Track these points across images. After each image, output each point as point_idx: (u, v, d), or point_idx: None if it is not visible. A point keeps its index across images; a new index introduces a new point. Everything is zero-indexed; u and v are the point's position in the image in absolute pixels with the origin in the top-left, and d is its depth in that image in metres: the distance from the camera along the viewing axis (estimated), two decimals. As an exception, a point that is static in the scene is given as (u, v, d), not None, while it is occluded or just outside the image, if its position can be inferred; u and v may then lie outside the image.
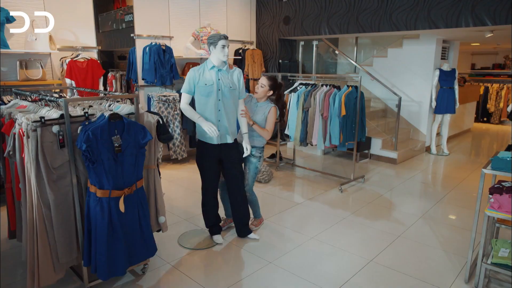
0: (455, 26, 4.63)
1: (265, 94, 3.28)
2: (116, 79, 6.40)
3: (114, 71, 6.31)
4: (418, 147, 6.37)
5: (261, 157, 3.32)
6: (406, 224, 3.61)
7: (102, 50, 6.99)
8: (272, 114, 3.24)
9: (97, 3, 6.71)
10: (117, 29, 6.11)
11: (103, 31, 6.90)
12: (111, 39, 6.60)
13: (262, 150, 3.32)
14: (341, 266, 2.87)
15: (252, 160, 3.27)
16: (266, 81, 3.27)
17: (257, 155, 3.28)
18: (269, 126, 3.24)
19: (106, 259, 2.26)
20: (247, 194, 3.30)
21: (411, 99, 6.53)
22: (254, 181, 3.34)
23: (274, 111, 3.25)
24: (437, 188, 4.76)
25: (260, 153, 3.30)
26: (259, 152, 3.28)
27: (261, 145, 3.29)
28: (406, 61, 6.49)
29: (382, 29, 5.25)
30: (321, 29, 5.92)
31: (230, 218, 3.50)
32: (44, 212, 2.20)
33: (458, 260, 2.94)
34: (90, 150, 2.14)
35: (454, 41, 6.70)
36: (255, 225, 3.49)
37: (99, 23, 6.91)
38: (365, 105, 4.76)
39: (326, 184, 4.80)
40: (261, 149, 3.30)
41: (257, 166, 3.29)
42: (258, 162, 3.29)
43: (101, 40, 7.05)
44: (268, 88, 3.27)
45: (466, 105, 8.03)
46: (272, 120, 3.24)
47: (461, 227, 3.56)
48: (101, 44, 7.09)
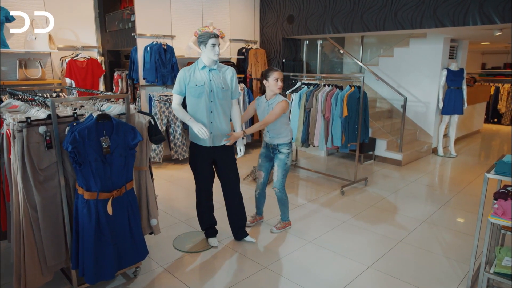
0: (462, 24, 4.49)
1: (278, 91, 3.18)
2: (122, 79, 6.38)
3: (120, 71, 6.29)
4: (424, 149, 6.23)
5: (290, 153, 3.24)
6: (408, 229, 3.50)
7: (109, 50, 6.99)
8: (280, 105, 3.07)
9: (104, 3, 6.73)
10: (123, 28, 6.09)
11: (110, 30, 6.91)
12: (118, 39, 6.59)
13: (289, 146, 3.25)
14: (338, 272, 2.78)
15: (280, 157, 3.23)
16: (282, 74, 3.14)
17: (285, 151, 3.22)
18: (270, 117, 3.06)
19: (93, 263, 2.22)
20: (276, 191, 3.29)
21: (417, 100, 6.39)
22: (284, 178, 3.29)
23: (283, 104, 3.09)
24: (442, 191, 4.63)
25: (288, 149, 3.23)
26: (286, 148, 3.22)
27: (287, 141, 3.23)
28: (413, 60, 6.35)
29: (387, 28, 5.13)
30: (325, 28, 5.82)
31: (260, 215, 3.56)
32: (30, 214, 2.16)
33: (460, 268, 2.83)
34: (77, 151, 2.09)
35: (463, 40, 6.53)
36: (278, 228, 3.41)
37: (106, 23, 6.93)
38: (368, 106, 4.65)
39: (328, 186, 4.70)
40: (288, 144, 3.24)
41: (286, 162, 3.23)
42: (287, 158, 3.23)
43: (108, 40, 7.06)
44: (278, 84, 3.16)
45: (476, 105, 7.84)
46: (276, 111, 3.06)
47: (466, 232, 3.44)
48: (108, 44, 7.11)
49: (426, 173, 5.32)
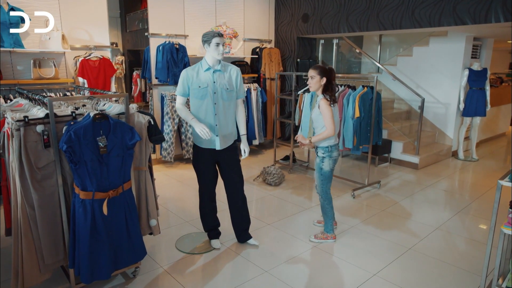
0: (484, 22, 4.27)
1: (319, 84, 2.98)
2: (141, 78, 6.46)
3: (139, 70, 6.35)
4: (444, 152, 5.99)
5: (325, 157, 3.07)
6: (420, 236, 3.35)
7: (129, 50, 7.09)
8: (323, 108, 2.93)
9: (125, 3, 6.83)
10: (143, 28, 6.15)
11: (130, 30, 7.01)
12: (137, 39, 6.68)
13: (326, 150, 3.05)
14: (341, 279, 2.68)
15: (316, 161, 3.15)
16: (313, 71, 2.98)
17: (320, 155, 3.10)
18: (326, 123, 2.93)
19: (88, 262, 2.21)
20: (319, 197, 3.20)
21: (437, 101, 6.15)
22: (324, 183, 3.13)
23: (323, 103, 2.93)
24: (460, 196, 4.42)
25: (323, 153, 3.07)
26: (322, 152, 3.08)
27: (325, 144, 3.05)
28: (433, 60, 6.11)
29: (404, 26, 4.95)
30: (340, 27, 5.68)
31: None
32: (28, 212, 2.18)
33: (472, 280, 2.67)
34: (72, 150, 2.09)
35: (487, 39, 6.23)
36: (316, 238, 3.22)
37: (126, 23, 7.03)
38: (381, 107, 4.50)
39: (339, 188, 4.58)
40: (324, 148, 3.05)
41: (321, 167, 3.10)
42: (321, 163, 3.09)
43: (128, 40, 7.16)
44: (320, 76, 2.96)
45: (501, 107, 7.47)
46: (326, 113, 2.91)
47: (481, 241, 3.26)
48: (128, 43, 7.21)
49: (444, 177, 5.11)
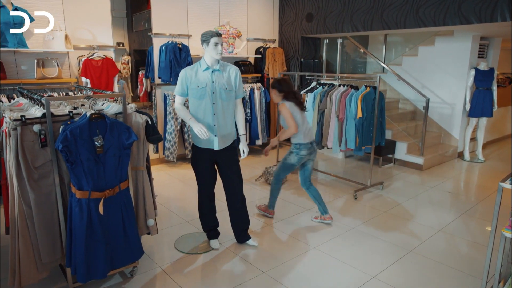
0: (490, 20, 4.20)
1: (279, 99, 3.38)
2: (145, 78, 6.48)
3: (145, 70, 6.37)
4: (449, 153, 5.91)
5: (293, 152, 3.41)
6: (421, 238, 3.30)
7: (135, 49, 7.13)
8: (281, 111, 3.32)
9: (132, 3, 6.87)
10: (149, 28, 6.18)
11: (136, 30, 7.05)
12: (143, 39, 6.70)
13: (295, 147, 3.39)
14: (340, 281, 2.66)
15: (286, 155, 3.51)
16: (271, 90, 3.38)
17: (291, 149, 3.45)
18: (287, 123, 3.30)
19: (84, 261, 2.22)
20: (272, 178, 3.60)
21: (443, 101, 6.07)
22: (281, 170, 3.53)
23: (280, 108, 3.33)
24: (465, 198, 4.35)
25: (292, 148, 3.42)
26: (292, 147, 3.42)
27: (295, 142, 3.39)
28: (439, 60, 6.03)
29: (408, 25, 4.89)
30: (344, 27, 5.64)
31: (323, 214, 3.61)
32: (25, 211, 2.19)
33: (472, 283, 2.63)
34: (68, 150, 2.09)
35: (494, 38, 6.14)
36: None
37: (133, 23, 7.07)
38: (385, 107, 4.45)
39: (341, 189, 4.54)
40: (294, 145, 3.40)
41: (286, 157, 3.47)
42: (288, 155, 3.45)
43: (134, 40, 7.20)
44: (277, 93, 3.35)
45: (509, 107, 7.36)
46: (285, 115, 3.29)
47: (484, 244, 3.20)
48: (134, 43, 7.24)
49: (449, 179, 5.04)
